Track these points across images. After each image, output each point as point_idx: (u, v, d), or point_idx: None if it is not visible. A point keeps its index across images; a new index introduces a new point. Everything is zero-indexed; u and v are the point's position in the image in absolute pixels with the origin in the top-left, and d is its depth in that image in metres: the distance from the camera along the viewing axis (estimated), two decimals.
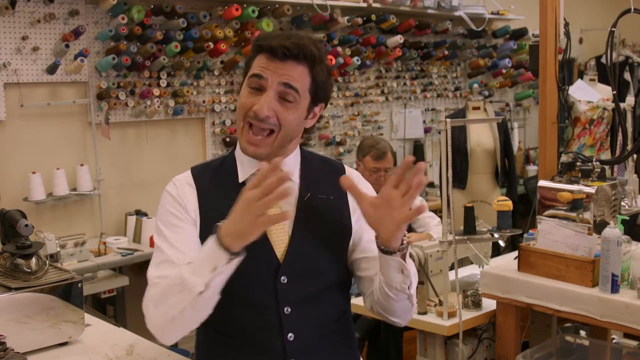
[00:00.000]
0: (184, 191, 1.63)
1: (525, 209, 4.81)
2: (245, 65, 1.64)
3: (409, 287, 1.57)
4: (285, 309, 1.54)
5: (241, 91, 1.60)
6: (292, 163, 1.66)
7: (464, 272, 3.39)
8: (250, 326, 1.58)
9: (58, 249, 3.59)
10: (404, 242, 1.51)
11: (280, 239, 1.59)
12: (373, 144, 3.73)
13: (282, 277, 1.57)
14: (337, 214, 1.66)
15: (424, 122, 5.98)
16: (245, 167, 1.64)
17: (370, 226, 1.51)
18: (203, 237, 1.60)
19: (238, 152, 1.67)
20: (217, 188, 1.64)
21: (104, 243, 3.94)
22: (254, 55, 1.59)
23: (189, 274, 1.44)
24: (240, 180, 1.64)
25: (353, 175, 1.74)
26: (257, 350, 1.56)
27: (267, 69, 1.54)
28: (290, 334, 1.55)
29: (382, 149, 3.68)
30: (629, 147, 3.44)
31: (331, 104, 5.27)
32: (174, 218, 1.60)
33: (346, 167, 1.76)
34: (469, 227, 2.94)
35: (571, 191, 2.83)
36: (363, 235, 1.67)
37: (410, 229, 3.81)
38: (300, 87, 1.55)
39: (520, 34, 6.31)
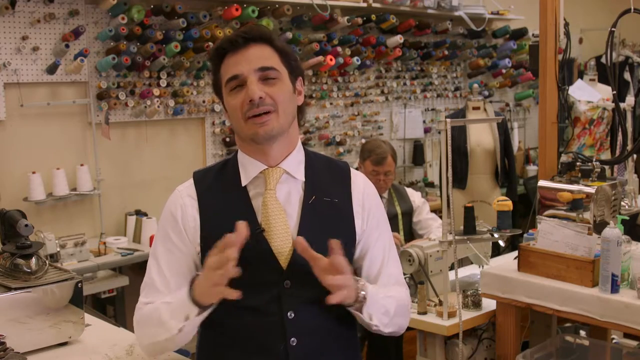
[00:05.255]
0: (184, 205, 1.64)
1: (525, 209, 4.81)
2: (214, 85, 1.66)
3: (386, 316, 1.64)
4: (289, 313, 1.54)
5: (226, 101, 1.62)
6: (295, 161, 1.66)
7: (464, 272, 3.39)
8: (253, 330, 1.58)
9: (58, 249, 3.59)
10: (359, 296, 1.56)
11: (283, 243, 1.59)
12: (373, 148, 3.70)
13: (286, 282, 1.57)
14: (342, 217, 1.66)
15: (424, 122, 5.97)
16: (247, 171, 1.64)
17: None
18: (206, 245, 1.61)
19: (241, 156, 1.67)
20: (219, 193, 1.65)
21: (104, 243, 3.94)
22: (218, 64, 1.61)
23: (167, 316, 1.55)
24: (243, 184, 1.63)
25: (358, 176, 1.73)
26: (260, 354, 1.56)
27: (238, 65, 1.57)
28: (293, 339, 1.55)
29: (382, 154, 3.66)
30: (629, 147, 3.44)
31: (331, 104, 5.28)
32: (170, 242, 1.63)
33: (351, 169, 1.75)
34: (469, 227, 2.94)
35: (571, 191, 2.83)
36: (369, 243, 1.69)
37: (412, 231, 3.81)
38: (274, 63, 1.59)
39: (520, 34, 6.31)
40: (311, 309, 1.58)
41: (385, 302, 1.63)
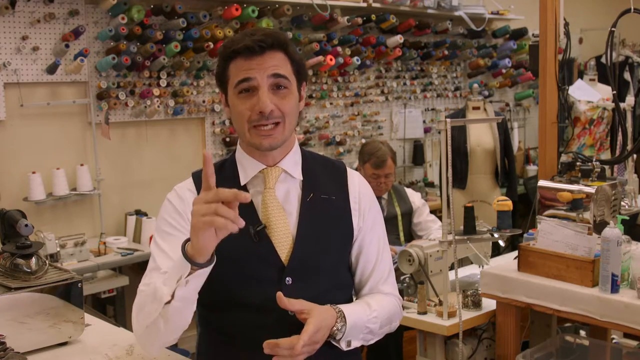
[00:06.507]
0: (184, 197, 1.63)
1: (525, 209, 4.82)
2: (219, 78, 1.63)
3: (370, 334, 1.64)
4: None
5: (231, 102, 1.60)
6: (292, 161, 1.67)
7: (464, 272, 3.39)
8: (253, 328, 1.58)
9: (58, 249, 3.59)
10: (334, 330, 1.55)
11: (284, 240, 1.60)
12: (373, 151, 3.70)
13: (287, 279, 1.58)
14: (340, 214, 1.68)
15: (424, 122, 5.98)
16: (246, 170, 1.65)
17: None
18: None
19: (239, 155, 1.67)
20: None
21: (104, 243, 3.94)
22: (227, 63, 1.59)
23: (161, 283, 1.46)
24: (242, 183, 1.64)
25: (354, 175, 1.75)
26: (260, 352, 1.56)
27: (251, 69, 1.55)
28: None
29: (382, 157, 3.66)
30: (629, 147, 3.44)
31: (331, 104, 5.28)
32: (170, 227, 1.61)
33: (348, 168, 1.76)
34: (469, 227, 2.94)
35: (571, 191, 2.83)
36: (365, 242, 1.70)
37: (411, 232, 3.81)
38: (287, 72, 1.58)
39: (520, 34, 6.31)
40: None
41: (369, 324, 1.63)
